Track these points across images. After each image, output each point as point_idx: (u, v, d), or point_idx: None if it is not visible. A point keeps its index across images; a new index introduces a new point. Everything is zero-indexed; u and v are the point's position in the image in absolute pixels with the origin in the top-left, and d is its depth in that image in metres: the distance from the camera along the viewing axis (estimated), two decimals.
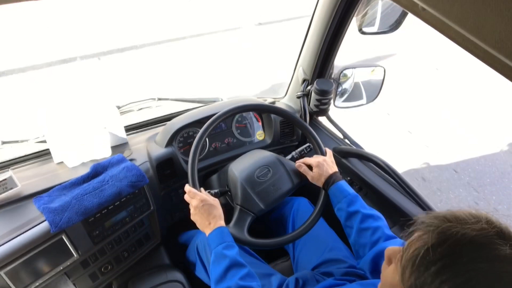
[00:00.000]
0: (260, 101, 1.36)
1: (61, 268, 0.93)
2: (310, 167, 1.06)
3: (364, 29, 1.16)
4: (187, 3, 4.36)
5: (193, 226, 1.31)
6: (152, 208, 1.11)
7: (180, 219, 1.30)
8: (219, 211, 0.93)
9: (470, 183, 2.67)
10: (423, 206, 1.05)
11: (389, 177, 1.15)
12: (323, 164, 1.02)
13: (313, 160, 1.05)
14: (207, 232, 0.89)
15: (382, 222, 0.91)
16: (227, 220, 0.98)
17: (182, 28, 3.95)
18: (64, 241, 0.91)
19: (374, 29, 1.17)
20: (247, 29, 4.14)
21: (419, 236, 0.50)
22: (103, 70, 3.32)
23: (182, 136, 1.23)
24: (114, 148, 1.17)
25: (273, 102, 1.46)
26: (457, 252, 0.45)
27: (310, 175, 1.04)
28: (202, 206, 0.91)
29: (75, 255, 0.94)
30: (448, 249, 0.46)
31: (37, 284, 0.90)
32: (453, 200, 2.53)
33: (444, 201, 2.52)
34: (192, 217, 0.94)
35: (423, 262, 0.47)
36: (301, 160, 1.09)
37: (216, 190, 1.05)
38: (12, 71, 3.12)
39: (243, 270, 0.81)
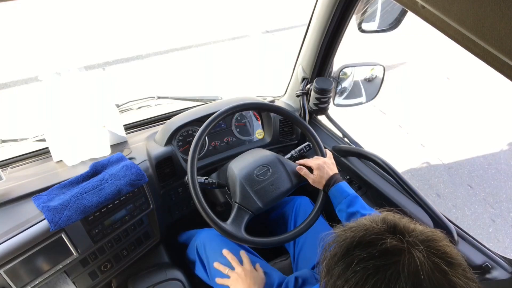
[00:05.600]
0: (259, 99, 1.35)
1: (61, 266, 0.93)
2: (310, 169, 1.05)
3: (364, 27, 1.16)
4: (194, 13, 4.36)
5: (192, 225, 1.32)
6: (151, 206, 1.11)
7: (180, 218, 1.30)
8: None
9: (486, 199, 2.57)
10: (422, 204, 1.04)
11: (388, 176, 1.15)
12: (324, 167, 1.02)
13: (314, 162, 1.04)
14: None
15: None
16: (226, 217, 0.99)
17: (188, 37, 3.93)
18: (64, 240, 0.91)
19: (374, 27, 1.17)
20: (255, 37, 4.14)
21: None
22: (103, 69, 3.31)
23: (182, 135, 1.23)
24: (114, 146, 1.17)
25: (273, 101, 1.45)
26: (349, 255, 0.48)
27: (311, 178, 1.04)
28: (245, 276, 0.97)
29: (75, 254, 0.94)
30: (342, 255, 0.49)
31: (37, 282, 0.89)
32: (469, 218, 2.44)
33: (460, 218, 2.42)
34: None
35: (329, 270, 0.50)
36: (302, 161, 1.09)
37: (214, 180, 1.07)
38: (14, 73, 3.11)
39: None
